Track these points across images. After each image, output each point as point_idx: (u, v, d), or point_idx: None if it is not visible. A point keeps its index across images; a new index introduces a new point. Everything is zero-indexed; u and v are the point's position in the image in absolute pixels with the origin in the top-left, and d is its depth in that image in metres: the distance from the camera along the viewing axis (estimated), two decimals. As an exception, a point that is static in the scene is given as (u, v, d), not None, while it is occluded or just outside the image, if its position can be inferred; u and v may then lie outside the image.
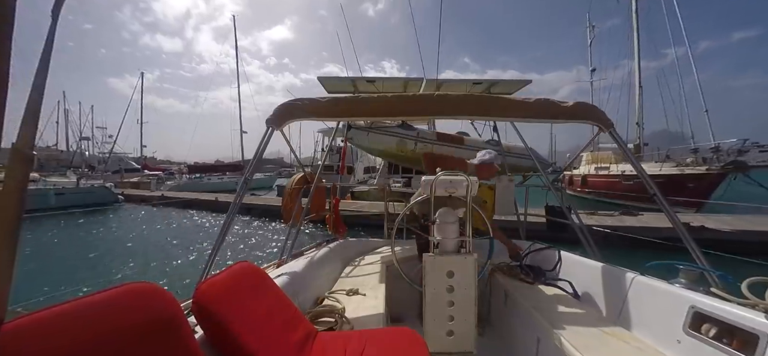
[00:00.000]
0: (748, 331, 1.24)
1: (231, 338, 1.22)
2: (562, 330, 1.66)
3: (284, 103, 2.26)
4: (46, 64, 0.78)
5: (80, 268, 7.00)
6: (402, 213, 2.35)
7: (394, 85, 5.42)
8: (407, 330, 1.62)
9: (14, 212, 0.71)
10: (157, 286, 1.03)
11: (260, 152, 2.26)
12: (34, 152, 0.76)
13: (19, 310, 0.76)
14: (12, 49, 0.66)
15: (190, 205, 15.47)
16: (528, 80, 5.07)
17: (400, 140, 12.02)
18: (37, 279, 6.08)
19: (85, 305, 0.84)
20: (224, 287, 1.33)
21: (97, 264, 7.32)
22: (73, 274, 6.60)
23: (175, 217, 13.66)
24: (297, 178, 3.10)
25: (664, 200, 2.04)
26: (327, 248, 2.89)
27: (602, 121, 2.26)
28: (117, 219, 13.95)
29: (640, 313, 1.70)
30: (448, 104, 2.25)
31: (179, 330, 1.04)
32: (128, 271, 6.75)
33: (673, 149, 13.93)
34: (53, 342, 0.75)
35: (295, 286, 1.99)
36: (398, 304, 2.72)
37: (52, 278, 6.22)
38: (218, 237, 1.88)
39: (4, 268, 0.70)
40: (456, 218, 2.04)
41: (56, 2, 0.82)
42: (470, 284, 1.95)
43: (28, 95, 0.75)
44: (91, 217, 13.66)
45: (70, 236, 10.57)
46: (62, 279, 6.14)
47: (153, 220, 13.18)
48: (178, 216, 13.82)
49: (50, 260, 7.64)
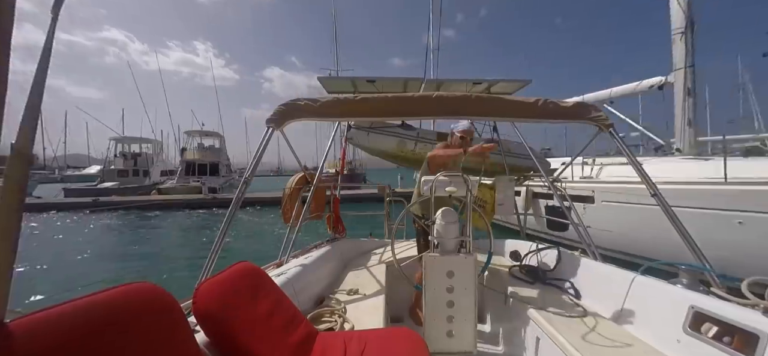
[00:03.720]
0: (748, 331, 1.24)
1: (231, 338, 1.21)
2: (562, 330, 1.66)
3: (284, 103, 2.26)
4: (46, 64, 0.78)
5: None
6: (402, 214, 2.35)
7: (394, 86, 5.41)
8: (407, 330, 1.62)
9: (14, 212, 0.71)
10: (157, 286, 1.03)
11: (260, 152, 2.26)
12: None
13: (18, 310, 0.76)
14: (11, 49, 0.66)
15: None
16: (528, 80, 5.06)
17: (400, 140, 12.02)
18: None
19: (85, 305, 0.84)
20: (224, 287, 1.33)
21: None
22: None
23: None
24: (297, 178, 3.10)
25: (665, 201, 2.04)
26: (327, 248, 2.89)
27: (602, 121, 2.26)
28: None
29: (640, 313, 1.70)
30: (448, 104, 2.25)
31: (179, 331, 1.04)
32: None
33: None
34: (53, 342, 0.75)
35: (295, 286, 1.98)
36: (398, 304, 2.72)
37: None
38: (218, 237, 1.87)
39: (4, 268, 0.70)
40: (456, 218, 2.04)
41: (56, 2, 0.82)
42: (470, 284, 1.95)
43: (28, 95, 0.75)
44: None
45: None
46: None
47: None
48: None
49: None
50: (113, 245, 9.70)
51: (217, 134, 26.21)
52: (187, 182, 20.38)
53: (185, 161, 22.24)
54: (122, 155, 24.03)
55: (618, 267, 2.02)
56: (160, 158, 27.21)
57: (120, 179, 21.86)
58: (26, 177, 0.75)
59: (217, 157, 23.62)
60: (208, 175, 21.79)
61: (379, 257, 3.01)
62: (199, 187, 19.25)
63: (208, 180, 20.62)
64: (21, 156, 0.73)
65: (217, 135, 26.11)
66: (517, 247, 2.91)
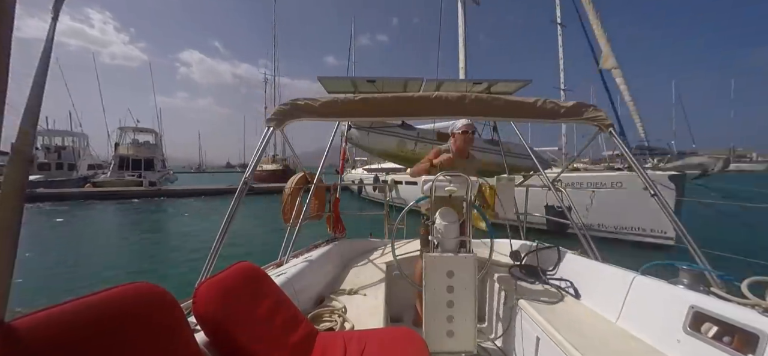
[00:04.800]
0: (748, 331, 1.24)
1: (231, 338, 1.22)
2: (562, 330, 1.66)
3: (284, 103, 2.26)
4: (46, 64, 0.78)
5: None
6: (402, 214, 2.35)
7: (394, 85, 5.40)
8: (407, 330, 1.62)
9: (14, 212, 0.71)
10: (158, 286, 1.03)
11: (260, 152, 2.26)
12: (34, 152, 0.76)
13: (19, 310, 0.76)
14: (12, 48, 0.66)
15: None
16: (528, 80, 5.05)
17: (400, 140, 12.03)
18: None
19: (84, 305, 0.84)
20: (224, 287, 1.33)
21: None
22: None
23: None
24: (297, 178, 3.10)
25: (665, 201, 2.05)
26: (327, 248, 2.89)
27: (601, 121, 2.26)
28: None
29: (640, 313, 1.70)
30: (448, 104, 2.25)
31: (179, 331, 1.04)
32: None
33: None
34: (53, 341, 0.75)
35: (295, 286, 1.99)
36: (398, 304, 2.72)
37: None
38: (218, 237, 1.87)
39: (4, 268, 0.70)
40: (456, 218, 2.04)
41: (56, 2, 0.82)
42: (470, 284, 1.95)
43: (28, 95, 0.75)
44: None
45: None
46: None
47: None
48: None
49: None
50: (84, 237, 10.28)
51: (153, 130, 26.92)
52: (122, 176, 21.42)
53: (119, 156, 22.74)
54: (44, 147, 23.92)
55: (618, 266, 2.02)
56: (86, 153, 27.51)
57: (43, 173, 21.62)
58: (26, 177, 0.75)
59: (152, 153, 24.28)
60: (144, 170, 22.51)
61: (379, 257, 3.02)
62: (140, 181, 20.92)
63: (147, 174, 22.07)
64: (21, 156, 0.73)
65: (153, 131, 26.77)
66: (517, 247, 2.91)
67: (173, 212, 15.11)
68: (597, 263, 2.20)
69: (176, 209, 16.00)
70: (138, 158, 22.98)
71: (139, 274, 6.34)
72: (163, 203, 17.71)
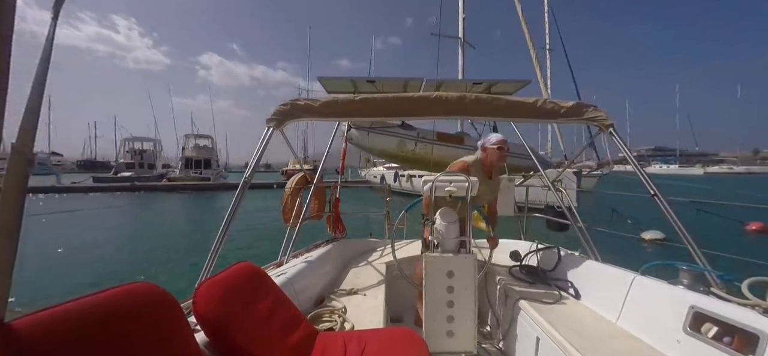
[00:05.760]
0: (748, 331, 1.24)
1: (231, 338, 1.22)
2: (562, 330, 1.66)
3: (284, 103, 2.26)
4: (46, 64, 0.78)
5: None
6: (402, 214, 2.35)
7: (394, 85, 5.39)
8: (407, 330, 1.62)
9: (14, 212, 0.71)
10: (158, 286, 1.03)
11: (260, 153, 2.26)
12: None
13: (19, 309, 0.76)
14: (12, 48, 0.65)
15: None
16: (528, 80, 5.04)
17: (400, 140, 12.04)
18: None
19: (85, 305, 0.84)
20: (224, 287, 1.33)
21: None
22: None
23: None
24: (297, 178, 3.10)
25: (665, 202, 2.04)
26: (327, 248, 2.89)
27: (601, 121, 2.26)
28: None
29: (640, 313, 1.70)
30: (448, 104, 2.24)
31: (180, 331, 1.04)
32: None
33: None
34: (53, 341, 0.75)
35: (295, 286, 1.99)
36: (398, 304, 2.72)
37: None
38: (218, 237, 1.87)
39: (4, 268, 0.70)
40: (456, 218, 2.04)
41: (56, 2, 0.82)
42: (470, 284, 1.95)
43: (28, 95, 0.75)
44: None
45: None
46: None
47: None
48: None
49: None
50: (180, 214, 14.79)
51: (210, 136, 33.41)
52: (188, 173, 27.44)
53: (185, 157, 28.95)
54: (131, 150, 31.08)
55: (618, 266, 2.02)
56: (160, 154, 35.19)
57: (132, 171, 28.55)
58: (26, 177, 0.75)
59: (209, 154, 30.48)
60: (203, 168, 28.60)
61: (379, 257, 3.01)
62: (202, 177, 26.91)
63: (206, 172, 28.37)
64: (21, 156, 0.73)
65: (210, 137, 33.22)
66: (517, 247, 2.91)
67: (227, 202, 17.84)
68: (597, 263, 2.20)
69: (229, 198, 18.87)
70: (199, 158, 28.85)
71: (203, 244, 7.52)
72: (217, 195, 22.09)
